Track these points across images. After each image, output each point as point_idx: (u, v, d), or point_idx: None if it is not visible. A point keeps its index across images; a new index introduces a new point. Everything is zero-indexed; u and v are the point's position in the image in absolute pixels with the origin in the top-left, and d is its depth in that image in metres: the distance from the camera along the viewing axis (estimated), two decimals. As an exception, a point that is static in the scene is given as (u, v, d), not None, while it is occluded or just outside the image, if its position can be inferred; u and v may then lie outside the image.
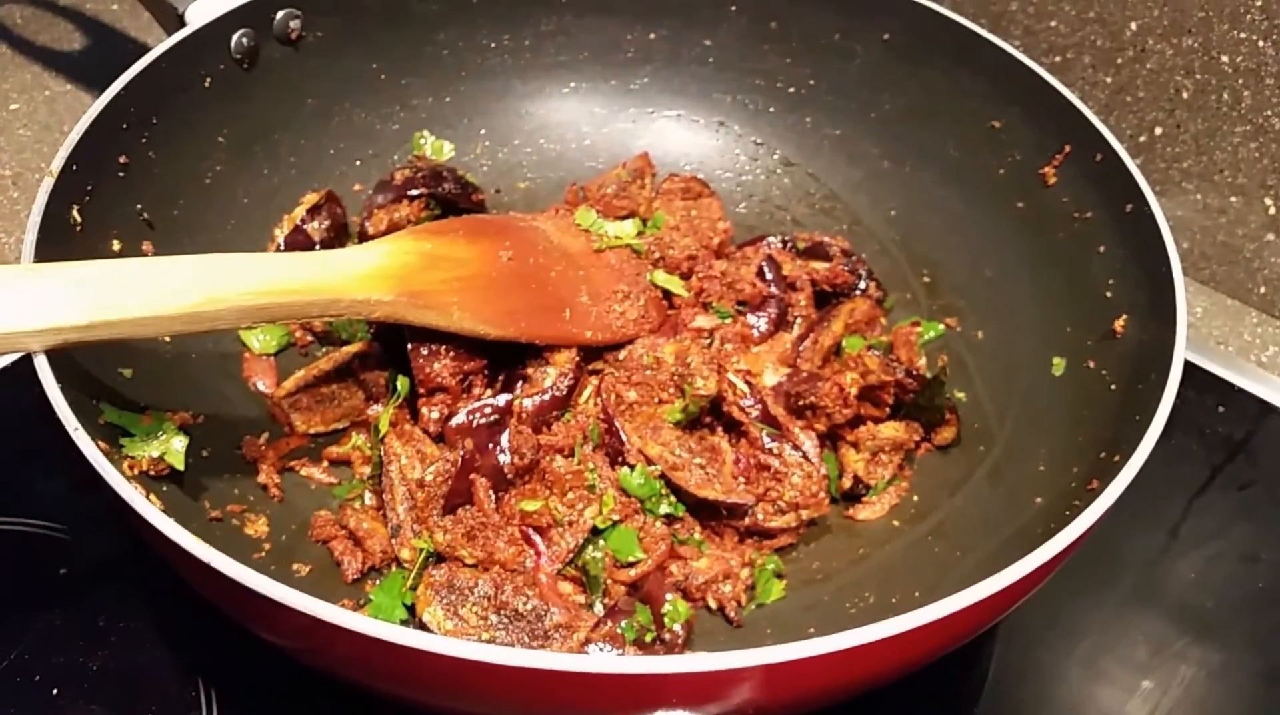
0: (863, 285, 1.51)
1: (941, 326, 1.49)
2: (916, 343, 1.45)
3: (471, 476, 1.17)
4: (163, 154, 1.30)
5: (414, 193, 1.45)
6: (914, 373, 1.33)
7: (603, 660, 0.79)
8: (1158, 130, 1.74)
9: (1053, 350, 1.33)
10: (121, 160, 1.24)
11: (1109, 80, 1.75)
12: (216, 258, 1.04)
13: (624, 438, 1.24)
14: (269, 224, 1.45)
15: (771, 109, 1.69)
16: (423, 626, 1.11)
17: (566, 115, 1.71)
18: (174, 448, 1.09)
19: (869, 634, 0.82)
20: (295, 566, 1.15)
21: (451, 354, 1.26)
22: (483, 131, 1.68)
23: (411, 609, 1.13)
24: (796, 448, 1.26)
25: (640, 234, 1.52)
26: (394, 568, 1.19)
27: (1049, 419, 1.29)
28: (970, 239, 1.51)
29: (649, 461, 1.23)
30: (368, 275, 1.15)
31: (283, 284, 1.05)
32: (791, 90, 1.67)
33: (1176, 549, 1.42)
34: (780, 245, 1.53)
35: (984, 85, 1.49)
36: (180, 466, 1.09)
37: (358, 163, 1.56)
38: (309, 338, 1.40)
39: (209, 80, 1.37)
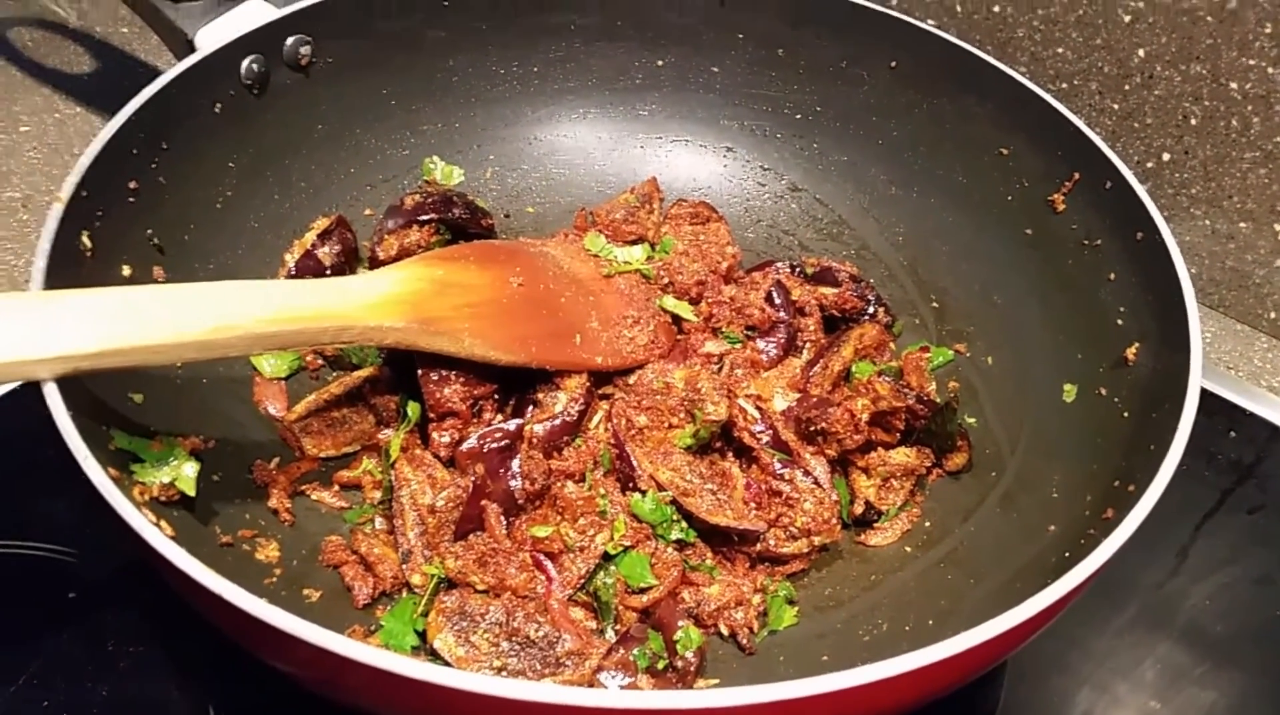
0: (871, 310, 1.50)
1: (951, 352, 1.49)
2: (926, 368, 1.45)
3: (483, 502, 1.17)
4: (173, 179, 1.27)
5: (424, 218, 1.44)
6: (925, 398, 1.33)
7: (614, 695, 0.78)
8: (1165, 156, 1.75)
9: (1064, 377, 1.32)
10: (132, 186, 1.24)
11: (1116, 107, 1.76)
12: (227, 285, 1.03)
13: (635, 463, 1.24)
14: (279, 249, 1.44)
15: (779, 135, 1.70)
16: (434, 654, 1.10)
17: (575, 141, 1.71)
18: (185, 474, 1.09)
19: (887, 669, 0.81)
20: (306, 592, 1.14)
21: (462, 379, 1.25)
22: (492, 157, 1.68)
23: (423, 635, 1.13)
24: (808, 474, 1.26)
25: (649, 259, 1.53)
26: (405, 593, 1.19)
27: (1061, 446, 1.27)
28: (979, 265, 1.51)
29: (660, 487, 1.23)
30: (380, 302, 1.15)
31: (294, 311, 1.04)
32: (799, 117, 1.68)
33: (1186, 573, 1.41)
34: (789, 270, 1.52)
35: (991, 112, 1.49)
36: (191, 492, 1.08)
37: (368, 188, 1.57)
38: (320, 362, 1.39)
39: (219, 106, 1.36)
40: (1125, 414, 1.21)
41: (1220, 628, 1.35)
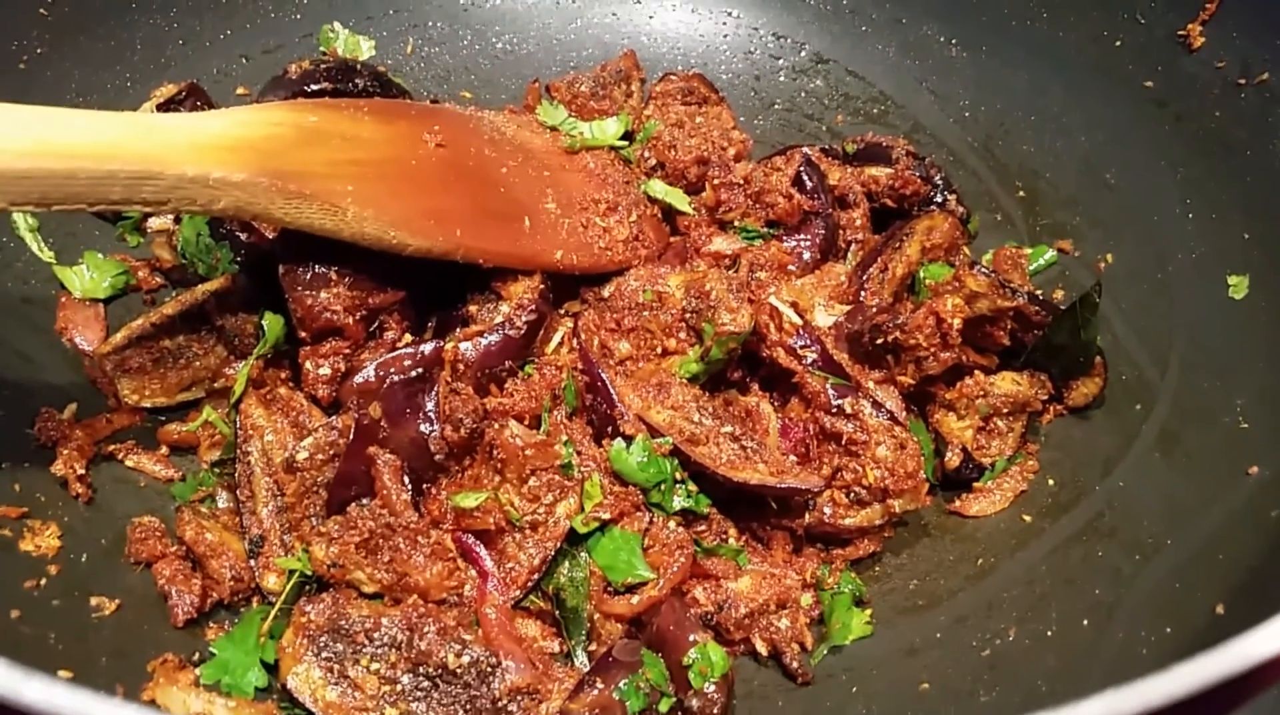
0: (940, 198, 1.16)
1: (1052, 251, 1.19)
2: (1025, 269, 1.09)
3: (371, 452, 0.79)
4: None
5: (314, 87, 1.13)
6: (1040, 298, 0.95)
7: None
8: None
9: (1226, 266, 1.06)
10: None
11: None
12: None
13: (615, 396, 0.89)
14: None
15: (797, -9, 1.41)
16: (288, 697, 0.75)
17: (525, 6, 1.40)
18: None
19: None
20: (95, 602, 0.86)
21: (348, 280, 0.92)
22: (414, 25, 1.37)
23: (275, 669, 0.77)
24: (879, 406, 0.87)
25: (628, 140, 1.19)
26: (255, 605, 0.84)
27: (1237, 358, 1.01)
28: (1079, 136, 1.26)
29: (654, 432, 0.90)
30: (210, 143, 0.83)
31: (61, 146, 0.74)
32: (823, -36, 1.40)
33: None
34: (821, 153, 1.18)
35: (1088, -74, 1.22)
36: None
37: (243, 59, 1.31)
38: (157, 280, 1.10)
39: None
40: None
41: None
